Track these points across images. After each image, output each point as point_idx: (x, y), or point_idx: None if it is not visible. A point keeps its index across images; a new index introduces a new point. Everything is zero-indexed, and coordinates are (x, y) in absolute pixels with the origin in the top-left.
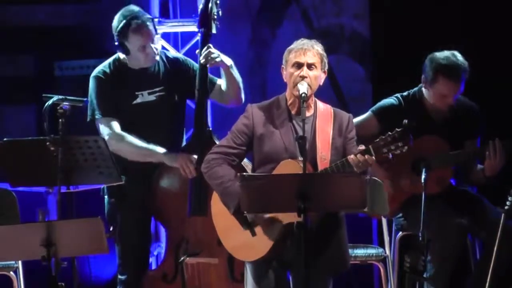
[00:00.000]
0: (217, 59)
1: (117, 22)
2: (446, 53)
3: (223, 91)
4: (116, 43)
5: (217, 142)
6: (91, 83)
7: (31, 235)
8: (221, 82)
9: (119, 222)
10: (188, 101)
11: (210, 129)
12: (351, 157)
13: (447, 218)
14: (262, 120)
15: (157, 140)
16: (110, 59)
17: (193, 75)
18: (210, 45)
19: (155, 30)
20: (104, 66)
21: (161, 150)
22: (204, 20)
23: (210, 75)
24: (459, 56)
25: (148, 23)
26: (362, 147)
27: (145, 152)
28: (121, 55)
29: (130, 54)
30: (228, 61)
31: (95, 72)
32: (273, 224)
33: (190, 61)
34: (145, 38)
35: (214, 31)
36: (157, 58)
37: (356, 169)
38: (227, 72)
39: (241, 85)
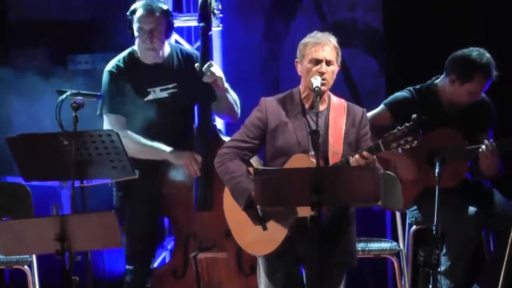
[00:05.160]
0: (217, 75)
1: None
2: (478, 52)
3: (218, 106)
4: (127, 24)
5: (221, 137)
6: (104, 77)
7: (45, 229)
8: None
9: (126, 215)
10: None
11: (214, 123)
12: (353, 158)
13: (463, 211)
14: (276, 113)
15: (167, 136)
16: (125, 52)
17: (198, 75)
18: (212, 62)
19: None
20: (118, 60)
21: (166, 148)
22: (203, 14)
23: None
24: (487, 53)
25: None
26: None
27: (149, 149)
28: (135, 48)
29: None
30: (225, 83)
31: (109, 66)
32: (285, 218)
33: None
34: (144, 22)
35: (214, 25)
36: (153, 52)
37: None
38: (223, 94)
39: (236, 105)
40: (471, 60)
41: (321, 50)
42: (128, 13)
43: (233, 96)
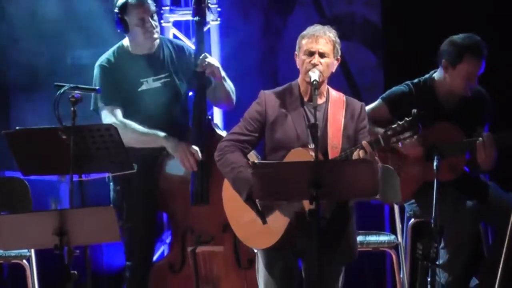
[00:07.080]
0: (214, 65)
1: None
2: (466, 35)
3: (215, 93)
4: (116, 20)
5: (217, 131)
6: (96, 72)
7: (44, 224)
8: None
9: (125, 210)
10: None
11: (209, 117)
12: (355, 153)
13: (461, 205)
14: (275, 106)
15: (163, 126)
16: (114, 47)
17: (193, 68)
18: (206, 54)
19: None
20: (108, 54)
21: (162, 134)
22: (198, 8)
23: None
24: (477, 36)
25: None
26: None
27: (146, 137)
28: (125, 42)
29: (129, 31)
30: (222, 72)
31: (100, 60)
32: (284, 212)
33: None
34: (144, 10)
35: (209, 19)
36: (156, 35)
37: None
38: (220, 83)
39: (232, 93)
40: (458, 41)
41: (315, 42)
42: (117, 9)
43: (229, 84)
